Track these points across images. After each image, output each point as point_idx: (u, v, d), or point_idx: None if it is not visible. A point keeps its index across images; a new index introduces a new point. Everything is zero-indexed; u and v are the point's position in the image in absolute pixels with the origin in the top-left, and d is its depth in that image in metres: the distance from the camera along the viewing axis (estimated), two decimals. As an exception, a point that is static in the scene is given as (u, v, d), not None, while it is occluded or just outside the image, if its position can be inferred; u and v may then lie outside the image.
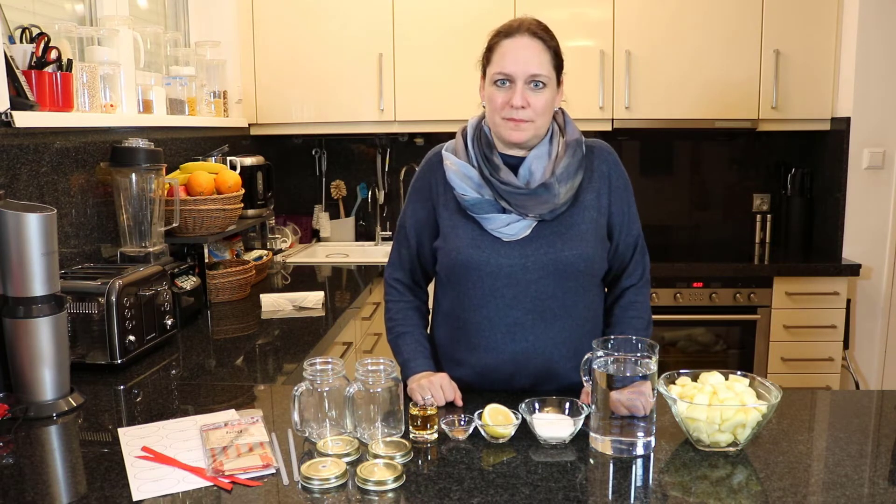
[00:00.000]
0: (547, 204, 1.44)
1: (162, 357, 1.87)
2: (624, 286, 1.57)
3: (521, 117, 1.42)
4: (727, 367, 2.06)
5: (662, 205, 3.64)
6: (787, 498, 1.09)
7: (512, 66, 1.41)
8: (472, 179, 1.46)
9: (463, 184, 1.47)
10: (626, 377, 1.24)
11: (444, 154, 1.53)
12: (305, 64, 3.29)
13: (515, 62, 1.41)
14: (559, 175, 1.44)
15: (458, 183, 1.48)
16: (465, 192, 1.47)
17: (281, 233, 3.46)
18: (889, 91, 3.06)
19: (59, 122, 1.89)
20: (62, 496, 1.16)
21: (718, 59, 3.20)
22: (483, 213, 1.46)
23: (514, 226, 1.45)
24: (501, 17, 3.39)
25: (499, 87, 1.44)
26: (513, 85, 1.42)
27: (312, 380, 1.29)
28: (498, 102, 1.43)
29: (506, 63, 1.41)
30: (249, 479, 1.15)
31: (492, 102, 1.45)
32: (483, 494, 1.10)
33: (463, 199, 1.47)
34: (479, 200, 1.46)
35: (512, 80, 1.42)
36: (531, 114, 1.42)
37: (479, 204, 1.46)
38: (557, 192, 1.44)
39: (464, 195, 1.47)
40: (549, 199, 1.44)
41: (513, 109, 1.41)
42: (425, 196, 1.57)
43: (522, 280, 1.46)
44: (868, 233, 3.14)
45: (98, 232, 2.12)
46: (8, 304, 1.44)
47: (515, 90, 1.41)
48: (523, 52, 1.41)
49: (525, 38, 1.42)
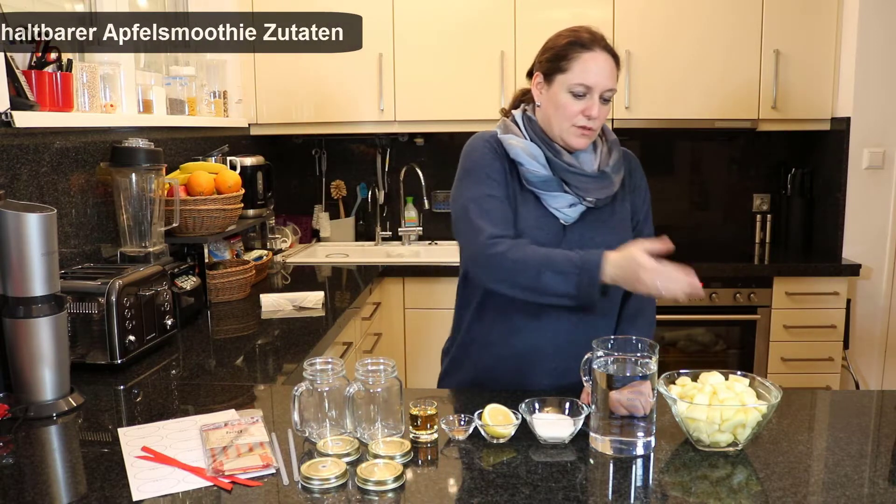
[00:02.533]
0: (606, 189, 1.53)
1: (162, 357, 1.87)
2: None
3: (592, 126, 1.50)
4: (727, 367, 2.06)
5: (662, 205, 3.63)
6: (787, 498, 1.09)
7: (594, 79, 1.48)
8: (539, 159, 1.52)
9: (532, 161, 1.51)
10: (626, 377, 1.24)
11: (504, 136, 1.55)
12: (305, 64, 3.29)
13: (598, 77, 1.48)
14: (612, 166, 1.54)
15: (527, 160, 1.52)
16: (535, 168, 1.51)
17: (281, 233, 3.45)
18: (889, 91, 3.06)
19: (59, 122, 1.90)
20: (62, 496, 1.16)
21: (718, 59, 3.20)
22: (550, 191, 1.51)
23: (574, 208, 1.52)
24: (501, 17, 3.39)
25: (576, 97, 1.49)
26: (591, 97, 1.48)
27: (312, 380, 1.29)
28: (573, 110, 1.49)
29: (589, 77, 1.47)
30: (249, 479, 1.15)
31: (565, 109, 1.49)
32: (483, 494, 1.10)
33: (533, 175, 1.51)
34: (548, 178, 1.51)
35: (589, 93, 1.48)
36: (599, 123, 1.51)
37: (548, 181, 1.51)
38: (614, 180, 1.54)
39: (535, 171, 1.51)
40: (609, 185, 1.53)
41: (587, 119, 1.49)
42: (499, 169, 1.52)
43: None
44: (868, 233, 3.14)
45: (98, 232, 2.12)
46: (8, 304, 1.44)
47: (593, 102, 1.48)
48: (605, 67, 1.49)
49: (605, 54, 1.50)
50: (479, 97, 3.22)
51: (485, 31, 3.20)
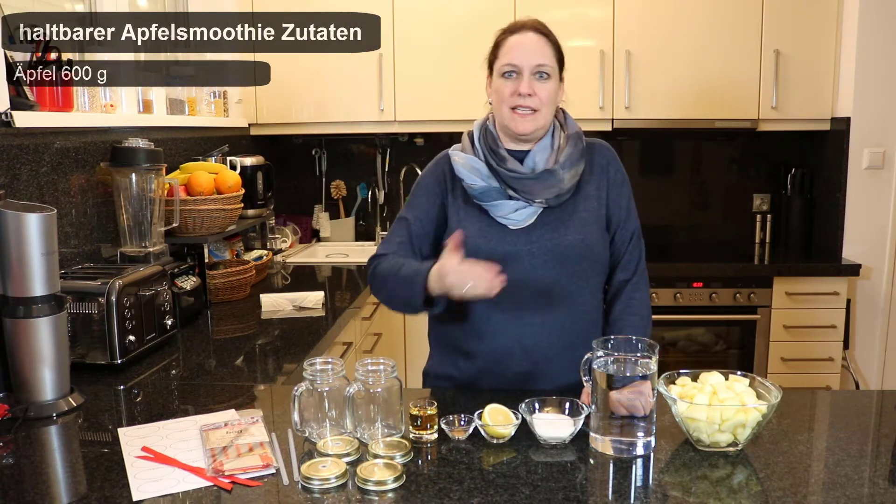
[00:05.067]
0: (553, 188, 1.50)
1: (162, 357, 1.87)
2: (620, 279, 1.59)
3: (528, 104, 1.49)
4: (727, 367, 2.06)
5: (662, 205, 3.64)
6: (787, 498, 1.09)
7: (519, 57, 1.49)
8: (480, 171, 1.53)
9: (471, 175, 1.53)
10: (626, 377, 1.24)
11: (451, 152, 1.59)
12: (305, 64, 3.29)
13: (522, 54, 1.49)
14: (562, 162, 1.51)
15: (466, 174, 1.54)
16: (473, 181, 1.53)
17: (281, 233, 3.46)
18: (889, 91, 3.06)
19: (59, 122, 1.90)
20: (62, 496, 1.16)
21: (718, 59, 3.20)
22: (491, 201, 1.52)
23: (521, 212, 1.51)
24: (501, 17, 3.38)
25: (506, 78, 1.51)
26: (520, 76, 1.49)
27: (312, 380, 1.29)
28: (506, 92, 1.50)
29: (513, 55, 1.50)
30: (249, 479, 1.15)
31: (499, 93, 1.52)
32: (483, 494, 1.10)
33: (471, 189, 1.53)
34: (487, 188, 1.51)
35: (519, 72, 1.49)
36: (537, 102, 1.49)
37: (487, 192, 1.52)
38: (562, 177, 1.50)
39: (472, 185, 1.53)
40: (555, 184, 1.50)
41: (520, 97, 1.48)
42: (434, 191, 1.60)
43: (528, 265, 1.50)
44: (868, 233, 3.14)
45: (98, 232, 2.12)
46: (8, 304, 1.44)
47: (522, 79, 1.49)
48: (529, 44, 1.50)
49: (530, 33, 1.51)
50: (479, 97, 3.18)
51: (485, 31, 3.16)
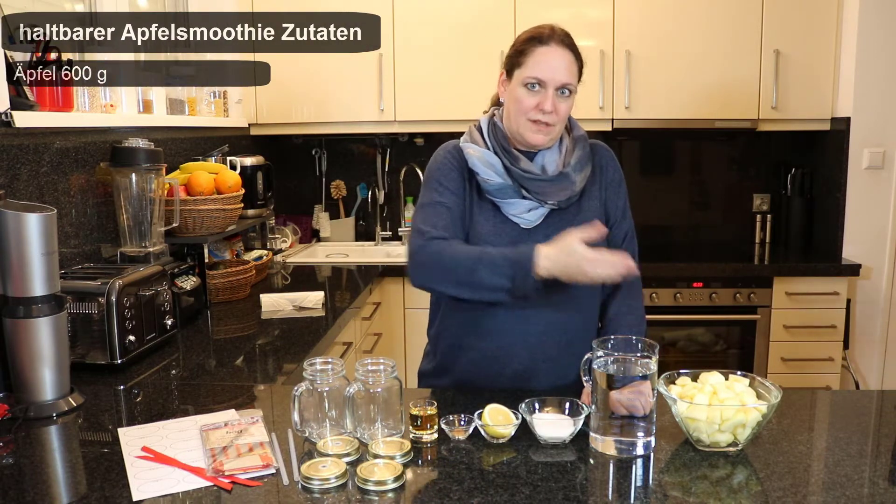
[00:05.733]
0: (566, 191, 1.51)
1: (162, 357, 1.87)
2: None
3: (548, 121, 1.49)
4: (727, 367, 2.06)
5: (662, 205, 3.64)
6: (787, 498, 1.09)
7: (546, 72, 1.47)
8: (496, 167, 1.52)
9: (487, 170, 1.52)
10: (626, 377, 1.24)
11: (464, 145, 1.57)
12: (305, 64, 3.29)
13: (550, 69, 1.47)
14: (573, 165, 1.53)
15: (482, 169, 1.52)
16: (489, 177, 1.51)
17: (281, 233, 3.46)
18: (889, 91, 3.06)
19: (59, 122, 1.90)
20: (62, 496, 1.16)
21: (718, 59, 3.20)
22: (506, 198, 1.51)
23: (533, 212, 1.52)
24: (501, 17, 3.39)
25: (529, 90, 1.49)
26: (543, 90, 1.48)
27: (312, 380, 1.29)
28: (527, 105, 1.49)
29: (541, 70, 1.48)
30: (249, 479, 1.15)
31: (519, 104, 1.50)
32: (483, 494, 1.10)
33: (487, 185, 1.52)
34: (503, 185, 1.51)
35: (543, 86, 1.48)
36: (556, 119, 1.49)
37: (503, 189, 1.51)
38: (574, 179, 1.52)
39: (489, 180, 1.52)
40: (568, 186, 1.51)
41: (542, 113, 1.48)
42: (458, 181, 1.54)
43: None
44: (868, 233, 3.14)
45: (98, 232, 2.12)
46: (8, 304, 1.44)
47: (546, 96, 1.47)
48: (557, 60, 1.48)
49: (559, 47, 1.49)
50: (479, 97, 3.17)
51: (485, 31, 3.20)
